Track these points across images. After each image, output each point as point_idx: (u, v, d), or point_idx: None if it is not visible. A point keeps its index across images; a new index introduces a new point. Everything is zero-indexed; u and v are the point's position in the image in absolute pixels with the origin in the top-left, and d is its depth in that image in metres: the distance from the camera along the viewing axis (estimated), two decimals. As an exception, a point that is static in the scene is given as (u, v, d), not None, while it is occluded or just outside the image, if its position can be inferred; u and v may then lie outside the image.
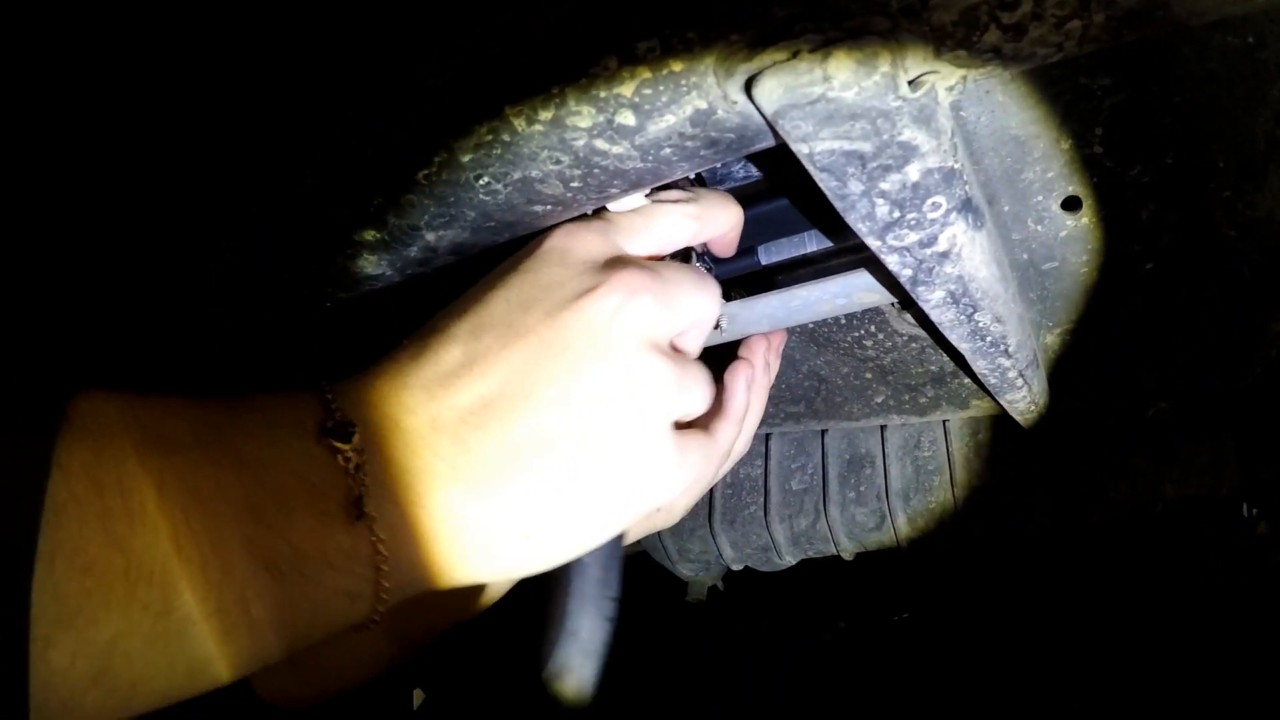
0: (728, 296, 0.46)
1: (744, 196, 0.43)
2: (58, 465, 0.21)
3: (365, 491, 0.26)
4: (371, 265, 0.36)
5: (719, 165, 0.46)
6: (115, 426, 0.24)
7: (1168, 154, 0.37)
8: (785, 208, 0.44)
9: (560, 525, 0.29)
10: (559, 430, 0.29)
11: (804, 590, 0.96)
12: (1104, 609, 0.69)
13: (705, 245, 0.43)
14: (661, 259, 0.38)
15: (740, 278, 0.48)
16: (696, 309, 0.34)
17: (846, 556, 0.66)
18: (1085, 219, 0.40)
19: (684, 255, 0.43)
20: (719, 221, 0.38)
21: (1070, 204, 0.39)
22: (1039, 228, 0.40)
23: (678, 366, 0.31)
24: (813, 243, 0.46)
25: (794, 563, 0.69)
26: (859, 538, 0.64)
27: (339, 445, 0.26)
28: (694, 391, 0.32)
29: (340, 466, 0.26)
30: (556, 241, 0.33)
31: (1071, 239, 0.41)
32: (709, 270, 0.46)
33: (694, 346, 0.36)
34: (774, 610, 0.97)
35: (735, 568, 0.71)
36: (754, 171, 0.45)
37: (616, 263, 0.32)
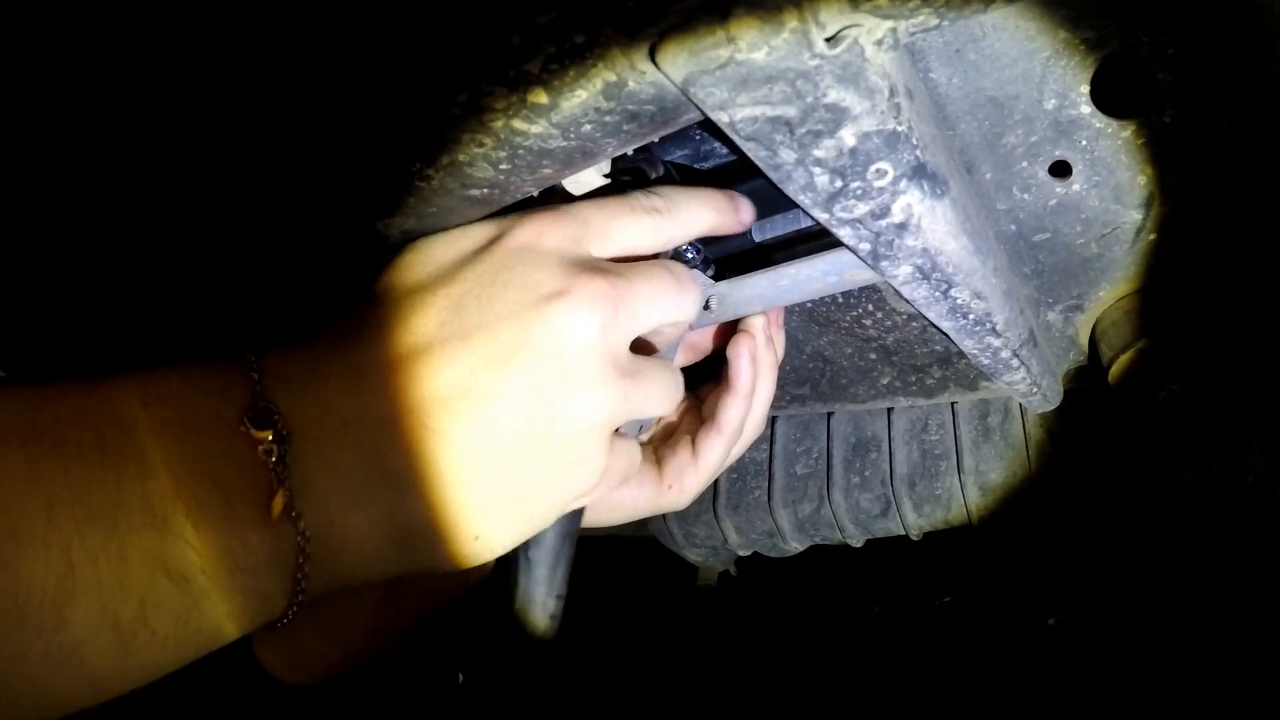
0: (720, 276, 0.44)
1: (731, 172, 0.41)
2: None
3: (288, 483, 0.25)
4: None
5: (706, 144, 0.44)
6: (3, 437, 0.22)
7: (1165, 111, 0.34)
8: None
9: (490, 524, 0.29)
10: (505, 437, 0.28)
11: (820, 574, 0.94)
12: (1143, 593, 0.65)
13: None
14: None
15: (734, 256, 0.47)
16: (663, 312, 0.33)
17: (855, 544, 0.64)
18: (1076, 186, 0.37)
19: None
20: (691, 223, 0.36)
21: (1059, 169, 0.36)
22: (1025, 196, 0.38)
23: (629, 380, 0.31)
24: (808, 217, 0.44)
25: (802, 549, 0.67)
26: (864, 524, 0.61)
27: (257, 435, 0.25)
28: (646, 401, 0.32)
29: (259, 460, 0.25)
30: (526, 236, 0.31)
31: (1062, 208, 0.38)
32: (697, 253, 0.45)
33: (664, 343, 0.35)
34: (793, 594, 0.95)
35: (742, 553, 0.70)
36: None
37: (583, 268, 0.30)
